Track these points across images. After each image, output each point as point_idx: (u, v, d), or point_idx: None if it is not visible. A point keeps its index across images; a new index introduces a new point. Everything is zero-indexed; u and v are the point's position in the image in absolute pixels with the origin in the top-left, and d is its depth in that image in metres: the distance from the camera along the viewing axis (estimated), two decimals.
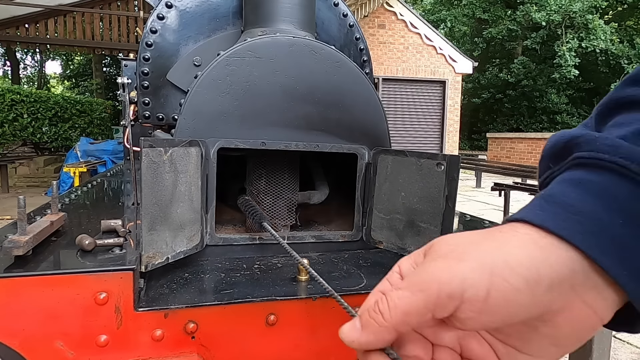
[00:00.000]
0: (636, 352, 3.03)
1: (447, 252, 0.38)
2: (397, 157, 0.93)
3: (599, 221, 0.35)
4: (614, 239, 0.35)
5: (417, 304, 0.36)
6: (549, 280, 0.35)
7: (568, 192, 0.37)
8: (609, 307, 0.37)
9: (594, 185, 0.36)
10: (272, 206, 1.06)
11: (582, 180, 0.37)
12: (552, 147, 0.42)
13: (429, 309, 0.36)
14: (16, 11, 9.90)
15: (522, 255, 0.36)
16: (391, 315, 0.37)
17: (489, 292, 0.35)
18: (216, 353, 0.66)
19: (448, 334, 0.41)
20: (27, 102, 9.78)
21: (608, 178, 0.36)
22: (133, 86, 1.25)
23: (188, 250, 0.80)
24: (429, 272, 0.37)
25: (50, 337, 0.59)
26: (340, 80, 0.99)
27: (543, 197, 0.38)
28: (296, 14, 1.12)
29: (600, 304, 0.36)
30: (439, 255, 0.38)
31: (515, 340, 0.39)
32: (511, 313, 0.36)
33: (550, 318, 0.37)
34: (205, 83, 0.89)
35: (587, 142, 0.38)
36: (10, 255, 0.62)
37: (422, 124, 12.65)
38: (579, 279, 0.36)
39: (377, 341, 0.39)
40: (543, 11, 18.65)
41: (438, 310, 0.36)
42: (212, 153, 0.88)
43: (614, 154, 0.36)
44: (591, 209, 0.36)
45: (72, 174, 6.44)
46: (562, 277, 0.35)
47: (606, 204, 0.36)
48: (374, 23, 11.85)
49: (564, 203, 0.37)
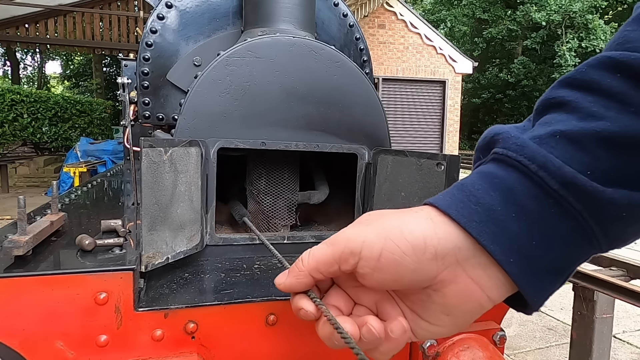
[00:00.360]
0: (636, 352, 3.03)
1: (363, 220, 0.46)
2: (397, 157, 0.93)
3: (492, 211, 0.40)
4: (503, 228, 0.40)
5: (326, 255, 0.44)
6: (433, 250, 0.41)
7: (477, 183, 0.42)
8: (495, 286, 0.42)
9: (498, 179, 0.41)
10: (272, 206, 1.06)
11: (491, 173, 0.42)
12: (482, 140, 0.46)
13: (336, 260, 0.44)
14: (16, 11, 9.90)
15: (415, 226, 0.42)
16: (308, 262, 0.46)
17: (381, 252, 0.41)
18: (216, 353, 0.66)
19: (366, 296, 0.48)
20: (27, 102, 9.78)
21: (511, 174, 0.41)
22: (133, 86, 1.25)
23: (188, 250, 0.80)
24: (343, 232, 0.45)
25: (50, 337, 0.59)
26: (341, 81, 0.99)
27: (456, 186, 0.44)
28: (296, 14, 1.12)
29: (486, 281, 0.41)
30: (356, 222, 0.46)
31: (417, 307, 0.46)
32: (400, 274, 0.42)
33: (440, 288, 0.43)
34: (205, 83, 0.89)
35: (503, 140, 0.42)
36: (10, 255, 0.62)
37: (422, 124, 12.64)
38: (463, 255, 0.41)
39: (298, 283, 0.47)
40: (543, 11, 18.64)
41: (342, 263, 0.44)
42: (212, 153, 0.88)
43: (520, 153, 0.40)
44: (489, 200, 0.40)
45: (72, 174, 6.45)
46: (447, 250, 0.41)
47: (504, 198, 0.40)
48: (374, 23, 11.84)
49: (469, 193, 0.42)
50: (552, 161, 0.39)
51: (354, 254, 0.43)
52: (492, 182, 0.41)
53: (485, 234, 0.40)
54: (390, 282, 0.44)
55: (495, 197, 0.41)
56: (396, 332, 0.45)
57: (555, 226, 0.40)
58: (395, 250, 0.41)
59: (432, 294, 0.44)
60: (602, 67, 0.41)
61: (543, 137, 0.40)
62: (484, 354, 0.72)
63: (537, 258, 0.40)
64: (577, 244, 0.41)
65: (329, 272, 0.46)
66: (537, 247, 0.40)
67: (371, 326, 0.44)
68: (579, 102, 0.41)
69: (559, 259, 0.41)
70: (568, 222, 0.40)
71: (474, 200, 0.41)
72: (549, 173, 0.39)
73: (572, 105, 0.41)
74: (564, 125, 0.40)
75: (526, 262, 0.40)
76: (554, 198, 0.39)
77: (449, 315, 0.44)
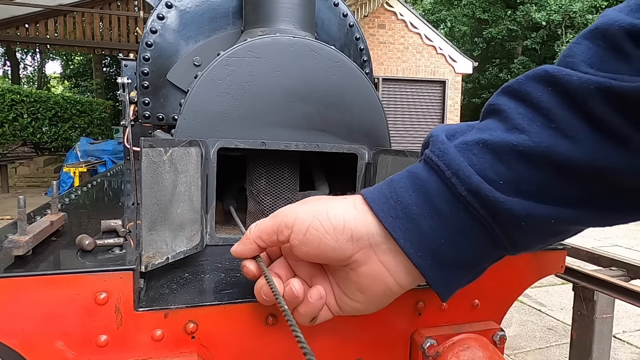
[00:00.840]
0: (636, 352, 3.03)
1: (302, 200, 0.54)
2: (397, 157, 0.93)
3: (408, 210, 0.45)
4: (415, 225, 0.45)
5: (267, 226, 0.53)
6: (350, 232, 0.47)
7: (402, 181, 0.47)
8: (403, 273, 0.48)
9: (420, 180, 0.46)
10: (272, 206, 1.06)
11: (415, 174, 0.47)
12: (425, 139, 0.51)
13: (274, 231, 0.52)
14: (16, 11, 9.90)
15: (339, 210, 0.49)
16: (254, 232, 0.54)
17: (308, 228, 0.48)
18: (216, 353, 0.66)
19: (304, 269, 0.56)
20: (27, 102, 9.78)
21: (431, 177, 0.45)
22: (133, 86, 1.25)
23: (188, 250, 0.80)
24: (283, 209, 0.53)
25: (50, 337, 0.59)
26: (341, 80, 0.99)
27: (386, 181, 0.49)
28: (296, 14, 1.12)
29: (394, 266, 0.47)
30: (297, 202, 0.54)
31: (340, 282, 0.53)
32: (321, 249, 0.48)
33: (355, 267, 0.49)
34: (205, 83, 0.89)
35: (434, 143, 0.47)
36: (10, 255, 0.62)
37: (422, 124, 12.63)
38: (375, 240, 0.47)
39: (246, 249, 0.55)
40: (543, 11, 18.63)
41: (279, 234, 0.51)
42: (212, 153, 0.88)
43: (440, 159, 0.45)
44: (407, 200, 0.45)
45: (72, 174, 6.45)
46: (361, 234, 0.47)
47: (421, 198, 0.45)
48: (374, 23, 11.83)
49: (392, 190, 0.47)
50: (463, 170, 0.42)
51: (287, 227, 0.50)
52: (414, 183, 0.46)
53: (398, 229, 0.45)
54: (314, 255, 0.50)
55: (413, 197, 0.45)
56: (313, 297, 0.52)
57: (464, 228, 0.44)
58: (319, 228, 0.48)
59: (349, 272, 0.50)
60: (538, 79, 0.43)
61: (469, 144, 0.44)
62: (484, 354, 0.72)
63: (445, 254, 0.45)
64: (484, 245, 0.45)
65: (270, 241, 0.53)
66: (445, 244, 0.45)
67: (292, 286, 0.51)
68: (510, 112, 0.44)
69: (466, 256, 0.46)
70: (475, 225, 0.44)
71: (394, 198, 0.46)
72: (459, 180, 0.43)
73: (504, 115, 0.44)
74: (490, 134, 0.43)
75: (433, 257, 0.45)
76: (462, 203, 0.43)
77: (363, 293, 0.50)
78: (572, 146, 0.39)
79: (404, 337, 0.77)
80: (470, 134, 0.46)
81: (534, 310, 3.75)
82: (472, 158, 0.43)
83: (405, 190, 0.46)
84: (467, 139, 0.45)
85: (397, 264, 0.47)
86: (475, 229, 0.44)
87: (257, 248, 0.55)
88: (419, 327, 0.77)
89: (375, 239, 0.47)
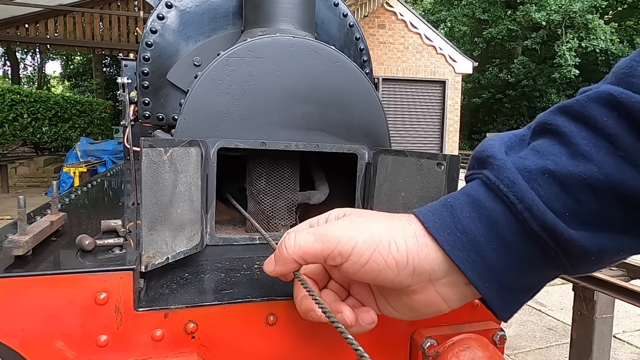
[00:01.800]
0: (636, 352, 3.03)
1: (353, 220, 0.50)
2: (397, 157, 0.93)
3: (475, 242, 0.44)
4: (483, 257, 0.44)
5: (315, 249, 0.49)
6: (412, 268, 0.46)
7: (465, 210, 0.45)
8: (458, 300, 0.49)
9: (485, 210, 0.44)
10: (272, 206, 1.06)
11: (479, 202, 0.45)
12: (479, 152, 0.49)
13: (323, 256, 0.49)
14: (16, 11, 9.89)
15: (402, 243, 0.46)
16: (294, 251, 0.50)
17: (368, 261, 0.47)
18: (216, 353, 0.66)
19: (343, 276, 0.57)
20: (27, 102, 9.78)
21: (498, 207, 0.44)
22: (133, 86, 1.25)
23: (188, 250, 0.80)
24: (334, 232, 0.49)
25: (50, 337, 0.59)
26: (340, 80, 0.99)
27: (445, 205, 0.47)
28: (296, 14, 1.12)
29: (450, 296, 0.48)
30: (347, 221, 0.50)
31: (388, 297, 0.53)
32: (379, 279, 0.48)
33: (410, 294, 0.49)
34: (205, 83, 0.89)
35: (497, 168, 0.45)
36: (10, 255, 0.62)
37: (422, 124, 12.63)
38: (437, 276, 0.47)
39: (287, 270, 0.53)
40: (543, 11, 18.63)
41: (329, 260, 0.49)
42: (212, 153, 0.88)
43: (510, 189, 0.43)
44: (474, 231, 0.44)
45: (72, 174, 6.45)
46: (423, 270, 0.46)
47: (488, 230, 0.44)
48: (374, 23, 11.84)
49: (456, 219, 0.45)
50: (537, 205, 0.42)
51: (342, 256, 0.48)
52: (479, 212, 0.45)
53: (467, 262, 0.45)
54: (369, 281, 0.50)
55: (480, 228, 0.44)
56: (365, 321, 0.53)
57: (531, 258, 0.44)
58: (380, 262, 0.46)
59: (403, 296, 0.50)
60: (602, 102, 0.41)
61: (533, 173, 0.43)
62: (484, 354, 0.72)
63: (510, 282, 0.45)
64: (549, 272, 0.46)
65: (315, 262, 0.52)
66: (511, 273, 0.45)
67: (345, 315, 0.51)
68: (573, 136, 0.42)
69: (529, 282, 0.47)
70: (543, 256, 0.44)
71: (460, 229, 0.45)
72: (532, 215, 0.42)
73: (566, 139, 0.43)
74: (555, 163, 0.42)
75: (499, 286, 0.45)
76: (533, 237, 0.43)
77: (412, 312, 0.52)
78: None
79: (404, 337, 0.77)
80: (529, 158, 0.44)
81: (534, 310, 3.76)
82: (538, 189, 0.42)
83: (471, 220, 0.44)
84: (528, 164, 0.43)
85: (454, 293, 0.48)
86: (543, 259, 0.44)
87: (297, 267, 0.53)
88: (419, 327, 0.77)
89: (437, 274, 0.47)
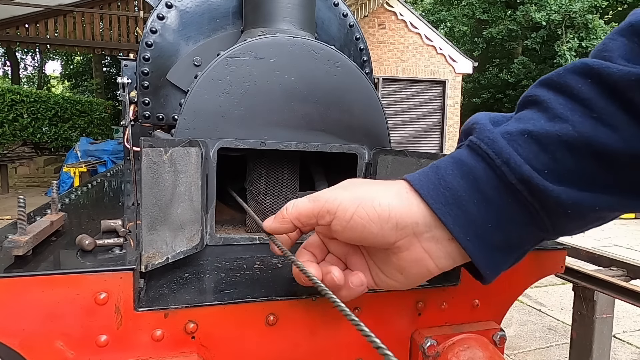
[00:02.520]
0: (636, 352, 3.03)
1: (343, 185, 0.54)
2: (397, 157, 0.93)
3: (457, 197, 0.46)
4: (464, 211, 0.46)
5: (307, 209, 0.53)
6: (395, 221, 0.48)
7: (449, 168, 0.48)
8: (444, 257, 0.49)
9: (467, 167, 0.47)
10: (272, 206, 1.06)
11: (462, 161, 0.48)
12: (466, 125, 0.52)
13: (315, 215, 0.52)
14: (16, 11, 9.89)
15: (385, 198, 0.49)
16: (291, 212, 0.55)
17: (353, 216, 0.49)
18: (216, 353, 0.66)
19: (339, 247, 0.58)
20: (27, 102, 9.78)
21: (479, 164, 0.46)
22: (133, 86, 1.25)
23: (188, 250, 0.80)
24: (324, 193, 0.53)
25: (50, 337, 0.59)
26: (340, 80, 0.99)
27: (432, 167, 0.50)
28: (296, 14, 1.12)
29: (435, 252, 0.49)
30: (337, 186, 0.54)
31: (379, 262, 0.55)
32: (365, 235, 0.50)
33: (397, 252, 0.51)
34: (205, 83, 0.89)
35: (479, 130, 0.48)
36: (10, 255, 0.62)
37: (422, 124, 12.62)
38: (419, 229, 0.48)
39: (282, 228, 0.57)
40: (543, 11, 18.61)
41: (320, 218, 0.52)
42: (212, 153, 0.88)
43: (489, 147, 0.46)
44: (456, 186, 0.47)
45: (72, 174, 6.45)
46: (406, 223, 0.48)
47: (469, 185, 0.46)
48: (374, 23, 11.83)
49: (440, 177, 0.48)
50: (514, 159, 0.44)
51: (330, 213, 0.51)
52: (461, 170, 0.47)
53: (449, 215, 0.47)
54: (356, 240, 0.52)
55: (462, 184, 0.46)
56: (355, 283, 0.54)
57: (511, 213, 0.46)
58: (364, 216, 0.49)
59: (391, 255, 0.52)
60: (577, 72, 0.45)
61: (513, 134, 0.45)
62: (484, 354, 0.72)
63: (491, 238, 0.47)
64: (529, 229, 0.47)
65: (308, 224, 0.55)
66: (492, 228, 0.46)
67: (333, 274, 0.53)
68: (550, 102, 0.45)
69: (511, 239, 0.48)
70: (522, 211, 0.46)
71: (443, 184, 0.47)
72: (510, 169, 0.44)
73: (544, 105, 0.46)
74: (533, 125, 0.45)
75: (480, 241, 0.47)
76: (511, 190, 0.45)
77: (402, 273, 0.52)
78: (613, 135, 0.41)
79: (404, 337, 0.77)
80: (511, 124, 0.47)
81: (534, 310, 3.76)
82: (518, 148, 0.44)
83: (454, 177, 0.47)
84: (509, 129, 0.46)
85: (439, 249, 0.49)
86: (522, 214, 0.46)
87: (292, 227, 0.56)
88: (419, 327, 0.77)
89: (420, 228, 0.48)
